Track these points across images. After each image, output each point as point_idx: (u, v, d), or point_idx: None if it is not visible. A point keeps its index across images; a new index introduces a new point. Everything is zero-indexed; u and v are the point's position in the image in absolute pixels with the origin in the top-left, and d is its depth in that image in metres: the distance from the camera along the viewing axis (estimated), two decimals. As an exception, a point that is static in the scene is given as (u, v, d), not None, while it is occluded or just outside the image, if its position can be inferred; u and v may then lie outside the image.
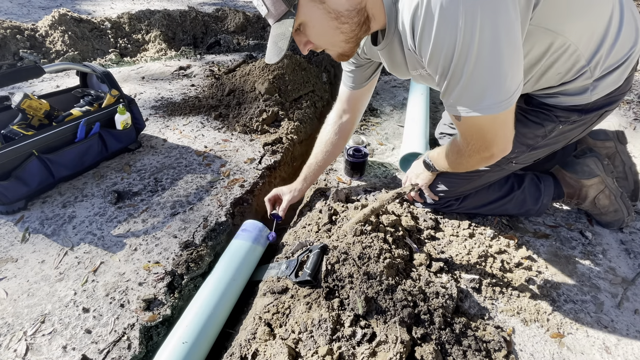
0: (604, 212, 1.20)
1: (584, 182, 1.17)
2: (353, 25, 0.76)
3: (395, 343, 0.74)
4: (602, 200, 1.18)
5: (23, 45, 2.60)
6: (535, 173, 1.24)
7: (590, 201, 1.19)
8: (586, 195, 1.19)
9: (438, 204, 1.23)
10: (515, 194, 1.20)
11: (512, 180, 1.21)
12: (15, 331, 0.90)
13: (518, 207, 1.22)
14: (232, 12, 3.44)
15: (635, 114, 1.97)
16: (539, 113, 0.96)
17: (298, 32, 0.78)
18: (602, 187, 1.17)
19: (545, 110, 0.95)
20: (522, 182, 1.21)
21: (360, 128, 1.81)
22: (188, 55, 2.83)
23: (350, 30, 0.77)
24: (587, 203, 1.20)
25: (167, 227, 1.21)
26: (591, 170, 1.16)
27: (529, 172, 1.24)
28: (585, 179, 1.16)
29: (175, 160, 1.53)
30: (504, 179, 1.20)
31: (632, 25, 0.84)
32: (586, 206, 1.22)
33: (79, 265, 1.07)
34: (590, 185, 1.17)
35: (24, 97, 1.28)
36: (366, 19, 0.77)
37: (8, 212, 1.23)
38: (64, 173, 1.34)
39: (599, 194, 1.18)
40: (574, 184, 1.19)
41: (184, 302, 1.00)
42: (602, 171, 1.17)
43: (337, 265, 0.90)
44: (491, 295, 1.01)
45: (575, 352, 0.89)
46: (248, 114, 1.80)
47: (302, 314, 0.82)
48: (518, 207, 1.22)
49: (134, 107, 1.53)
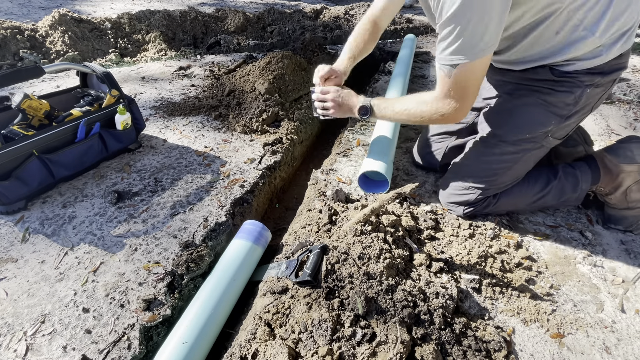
0: (631, 206, 1.18)
1: (623, 167, 1.15)
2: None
3: (395, 343, 0.74)
4: (634, 192, 1.16)
5: (23, 45, 2.60)
6: (567, 162, 1.24)
7: (622, 191, 1.17)
8: (621, 183, 1.16)
9: (475, 206, 1.20)
10: (553, 184, 1.19)
11: (546, 172, 1.21)
12: (15, 331, 0.90)
13: (557, 197, 1.21)
14: (232, 12, 3.44)
15: (635, 114, 1.97)
16: (565, 82, 1.01)
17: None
18: (638, 177, 1.15)
19: (569, 78, 1.00)
20: (557, 173, 1.21)
21: (360, 128, 1.81)
22: (188, 56, 2.83)
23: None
24: (618, 194, 1.18)
25: (167, 227, 1.21)
26: (633, 156, 1.14)
27: (560, 163, 1.25)
28: (625, 164, 1.14)
29: (175, 161, 1.53)
30: (537, 173, 1.20)
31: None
32: (615, 197, 1.19)
33: (79, 266, 1.07)
34: (628, 172, 1.15)
35: (24, 97, 1.28)
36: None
37: (8, 212, 1.23)
38: (64, 173, 1.34)
39: (633, 185, 1.16)
40: (612, 168, 1.16)
41: (184, 302, 1.00)
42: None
43: (337, 266, 0.90)
44: (491, 295, 1.01)
45: (575, 352, 0.89)
46: (248, 114, 1.80)
47: (302, 314, 0.82)
48: (557, 197, 1.21)
49: (134, 107, 1.53)
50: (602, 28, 0.91)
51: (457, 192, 1.22)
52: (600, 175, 1.19)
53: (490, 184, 1.16)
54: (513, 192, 1.19)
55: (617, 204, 1.21)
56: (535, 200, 1.21)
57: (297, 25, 3.40)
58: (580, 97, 1.02)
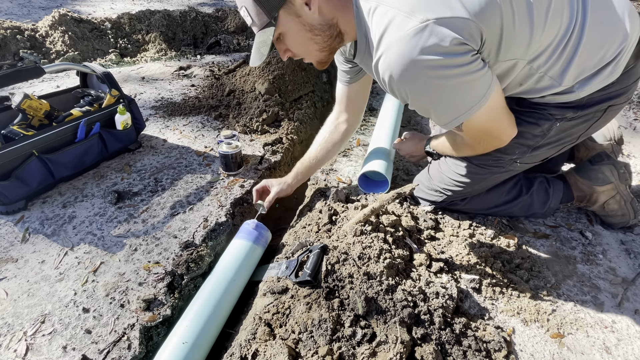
0: (610, 214, 1.21)
1: (596, 188, 1.16)
2: (325, 37, 0.86)
3: (395, 343, 0.74)
4: (611, 205, 1.18)
5: (23, 45, 2.60)
6: (545, 176, 1.23)
7: (599, 205, 1.20)
8: (596, 200, 1.19)
9: (443, 202, 1.23)
10: (523, 198, 1.19)
11: (520, 184, 1.20)
12: (15, 331, 0.90)
13: (524, 210, 1.23)
14: (232, 12, 3.44)
15: (635, 114, 1.97)
16: (533, 113, 0.97)
17: (278, 40, 0.87)
18: (613, 193, 1.16)
19: (538, 110, 0.96)
20: (530, 186, 1.19)
21: (360, 128, 1.81)
22: (188, 56, 2.83)
23: (323, 41, 0.86)
24: (596, 207, 1.21)
25: (167, 227, 1.21)
26: (606, 178, 1.15)
27: (539, 175, 1.23)
28: (598, 186, 1.16)
29: (175, 161, 1.53)
30: (513, 183, 1.19)
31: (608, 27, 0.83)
32: (594, 209, 1.23)
33: (79, 266, 1.07)
34: (602, 192, 1.16)
35: (24, 98, 1.28)
36: (338, 33, 0.87)
37: (8, 212, 1.23)
38: (64, 173, 1.34)
39: (610, 199, 1.17)
40: (585, 190, 1.18)
41: (184, 302, 1.00)
42: (616, 179, 1.15)
43: (337, 266, 0.90)
44: (491, 295, 1.01)
45: (576, 352, 0.89)
46: (248, 114, 1.80)
47: (302, 314, 0.82)
48: (524, 210, 1.23)
49: (134, 107, 1.53)
50: (570, 76, 0.85)
51: (426, 190, 1.25)
52: (573, 195, 1.21)
53: (457, 193, 1.17)
54: (484, 198, 1.20)
55: (598, 212, 1.24)
56: (502, 209, 1.23)
57: (297, 25, 3.40)
58: (549, 130, 0.97)
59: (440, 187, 1.19)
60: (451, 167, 1.15)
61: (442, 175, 1.18)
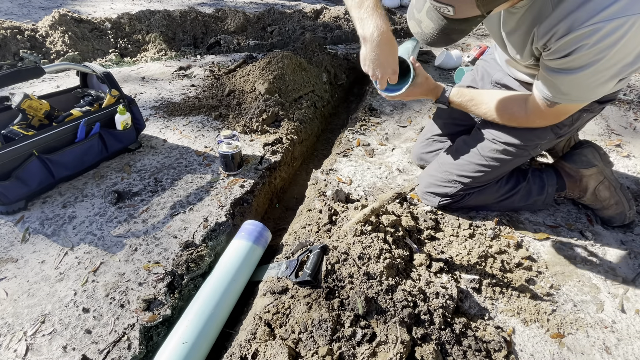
0: (605, 205, 1.23)
1: (582, 171, 1.22)
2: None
3: (395, 343, 0.74)
4: (602, 191, 1.22)
5: (23, 45, 2.60)
6: (535, 167, 1.30)
7: (591, 192, 1.23)
8: (587, 186, 1.23)
9: (456, 194, 1.23)
10: (521, 185, 1.24)
11: (516, 174, 1.26)
12: (15, 331, 0.90)
13: (525, 198, 1.26)
14: (232, 12, 3.44)
15: (635, 114, 1.97)
16: None
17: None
18: (601, 177, 1.22)
19: None
20: (526, 175, 1.26)
21: (360, 128, 1.81)
22: (188, 56, 2.83)
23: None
24: (589, 195, 1.24)
25: (167, 227, 1.21)
26: (588, 160, 1.21)
27: (529, 167, 1.30)
28: (583, 169, 1.21)
29: (175, 161, 1.53)
30: (508, 175, 1.25)
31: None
32: (588, 199, 1.25)
33: (79, 266, 1.07)
34: (589, 175, 1.22)
35: (24, 98, 1.28)
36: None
37: (8, 212, 1.23)
38: (64, 173, 1.34)
39: (599, 185, 1.22)
40: (573, 174, 1.24)
41: (184, 302, 1.00)
42: (599, 161, 1.22)
43: (337, 266, 0.90)
44: (491, 295, 1.01)
45: (576, 353, 0.89)
46: (248, 114, 1.80)
47: (302, 314, 0.82)
48: (525, 198, 1.26)
49: (134, 107, 1.53)
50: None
51: (439, 182, 1.25)
52: (565, 182, 1.25)
53: (475, 180, 1.19)
54: (484, 190, 1.23)
55: (593, 204, 1.27)
56: (504, 199, 1.26)
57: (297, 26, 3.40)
58: (577, 120, 1.07)
59: (456, 175, 1.21)
60: (473, 153, 1.19)
61: (459, 163, 1.20)
